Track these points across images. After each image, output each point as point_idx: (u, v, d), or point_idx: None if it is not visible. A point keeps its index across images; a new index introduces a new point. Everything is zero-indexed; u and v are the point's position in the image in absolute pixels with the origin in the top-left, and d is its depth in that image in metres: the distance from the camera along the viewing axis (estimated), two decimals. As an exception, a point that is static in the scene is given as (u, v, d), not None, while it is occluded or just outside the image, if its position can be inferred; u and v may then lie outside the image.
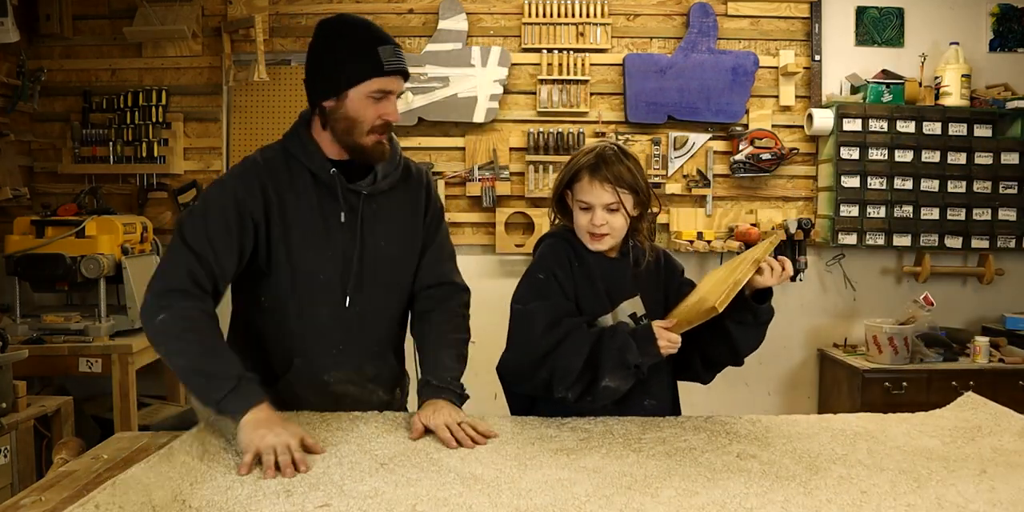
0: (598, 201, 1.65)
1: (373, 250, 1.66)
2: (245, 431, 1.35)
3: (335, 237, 1.63)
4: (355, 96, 1.56)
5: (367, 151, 1.60)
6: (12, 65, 3.40)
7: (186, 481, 1.21)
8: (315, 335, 1.65)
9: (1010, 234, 3.60)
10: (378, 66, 1.54)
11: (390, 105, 1.59)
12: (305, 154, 1.63)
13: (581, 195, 1.67)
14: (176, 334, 1.48)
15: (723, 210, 3.67)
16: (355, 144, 1.60)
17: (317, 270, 1.62)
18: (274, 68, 3.55)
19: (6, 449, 2.39)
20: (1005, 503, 1.18)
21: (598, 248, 1.69)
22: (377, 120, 1.57)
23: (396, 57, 1.57)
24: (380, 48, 1.55)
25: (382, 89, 1.56)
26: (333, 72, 1.58)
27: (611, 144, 1.69)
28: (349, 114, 1.57)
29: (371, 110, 1.57)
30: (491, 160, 3.57)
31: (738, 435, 1.53)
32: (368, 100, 1.56)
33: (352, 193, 1.64)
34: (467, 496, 1.19)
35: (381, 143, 1.61)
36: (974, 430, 1.57)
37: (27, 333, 2.94)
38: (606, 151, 1.66)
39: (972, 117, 3.56)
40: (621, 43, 3.65)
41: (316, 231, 1.61)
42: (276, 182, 1.60)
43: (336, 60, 1.58)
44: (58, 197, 3.45)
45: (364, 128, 1.58)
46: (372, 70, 1.55)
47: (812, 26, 3.64)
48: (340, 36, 1.61)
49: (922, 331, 3.39)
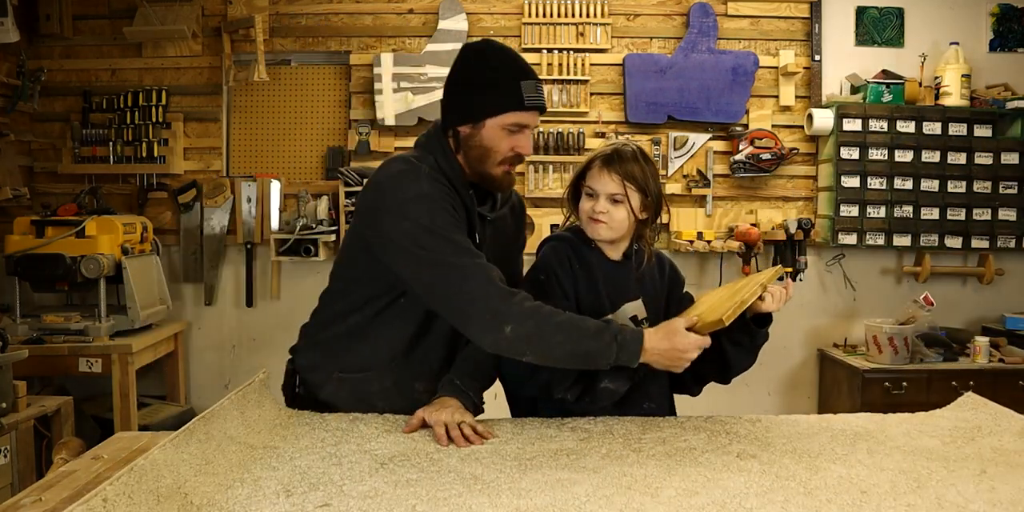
0: (603, 189, 1.66)
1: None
2: (652, 353, 1.47)
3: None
4: (492, 126, 1.59)
5: (496, 180, 1.64)
6: (12, 65, 3.40)
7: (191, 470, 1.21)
8: (426, 345, 1.68)
9: (1010, 234, 3.60)
10: (519, 100, 1.57)
11: (524, 139, 1.61)
12: (454, 174, 1.64)
13: (589, 181, 1.70)
14: (543, 333, 1.47)
15: (723, 210, 3.67)
16: (486, 173, 1.63)
17: None
18: (274, 68, 3.55)
19: (6, 449, 2.39)
20: (1005, 503, 1.18)
21: (594, 235, 1.69)
22: (510, 152, 1.61)
23: (537, 92, 1.60)
24: (523, 82, 1.58)
25: (518, 123, 1.59)
26: (475, 100, 1.60)
27: (634, 144, 1.71)
28: (484, 143, 1.60)
29: (506, 142, 1.60)
30: (491, 160, 3.57)
31: (738, 435, 1.54)
32: (504, 132, 1.59)
33: (479, 216, 1.66)
34: (467, 496, 1.19)
35: (509, 174, 1.65)
36: (974, 430, 1.57)
37: (27, 333, 2.94)
38: (624, 147, 1.69)
39: (972, 117, 3.56)
40: (621, 43, 3.65)
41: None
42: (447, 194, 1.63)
43: (479, 88, 1.60)
44: (58, 197, 3.45)
45: (496, 159, 1.61)
46: (513, 104, 1.57)
47: (812, 26, 3.64)
48: (487, 64, 1.62)
49: (922, 331, 3.39)
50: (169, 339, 3.42)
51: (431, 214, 1.54)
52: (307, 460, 1.34)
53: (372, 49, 3.59)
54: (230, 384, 3.65)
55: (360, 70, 3.57)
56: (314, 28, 3.61)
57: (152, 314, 3.21)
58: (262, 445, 1.41)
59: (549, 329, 1.46)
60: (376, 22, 3.60)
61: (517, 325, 1.46)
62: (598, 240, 1.72)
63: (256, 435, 1.46)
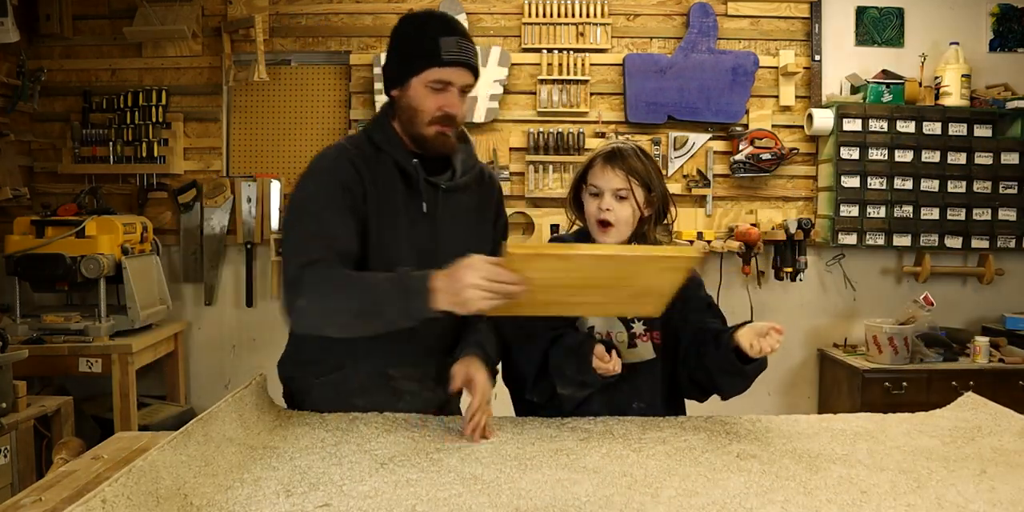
0: (608, 185, 1.67)
1: (448, 244, 1.63)
2: (439, 292, 1.34)
3: (414, 227, 1.62)
4: (416, 85, 1.57)
5: (428, 141, 1.60)
6: (12, 65, 3.40)
7: (191, 471, 1.21)
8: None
9: (1010, 234, 3.60)
10: (436, 56, 1.54)
11: (451, 97, 1.57)
12: (389, 143, 1.63)
13: (592, 180, 1.70)
14: (328, 295, 1.43)
15: (723, 210, 3.67)
16: (417, 134, 1.60)
17: (394, 260, 1.59)
18: (274, 68, 3.55)
19: (6, 449, 2.39)
20: (1005, 503, 1.18)
21: (603, 241, 1.70)
22: (437, 111, 1.57)
23: (459, 49, 1.55)
24: (443, 38, 1.54)
25: (440, 79, 1.55)
26: (399, 62, 1.60)
27: (632, 143, 1.72)
28: (411, 103, 1.58)
29: (431, 100, 1.56)
30: (491, 160, 3.57)
31: (738, 435, 1.53)
32: (427, 90, 1.56)
33: (430, 186, 1.64)
34: (467, 496, 1.19)
35: (443, 135, 1.60)
36: (974, 430, 1.57)
37: (27, 333, 2.95)
38: (624, 145, 1.70)
39: (972, 117, 3.56)
40: (621, 43, 3.65)
41: (397, 221, 1.61)
42: (367, 167, 1.61)
43: (401, 51, 1.60)
44: (58, 197, 3.45)
45: (424, 118, 1.58)
46: (429, 60, 1.54)
47: (812, 26, 3.64)
48: (409, 26, 1.61)
49: (922, 331, 3.39)
50: (169, 339, 3.42)
51: (314, 187, 1.56)
52: (307, 460, 1.34)
53: (372, 49, 3.59)
54: (230, 384, 3.65)
55: (360, 70, 3.57)
56: (314, 28, 3.61)
57: (152, 314, 3.21)
58: (262, 445, 1.41)
59: (338, 290, 1.43)
60: (376, 22, 3.60)
61: (310, 293, 1.43)
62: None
63: (256, 435, 1.46)
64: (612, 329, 1.72)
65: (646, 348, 1.72)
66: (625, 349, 1.71)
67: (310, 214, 1.55)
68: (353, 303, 1.43)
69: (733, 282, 3.69)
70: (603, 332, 1.72)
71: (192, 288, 3.66)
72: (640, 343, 1.72)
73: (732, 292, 3.69)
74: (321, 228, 1.53)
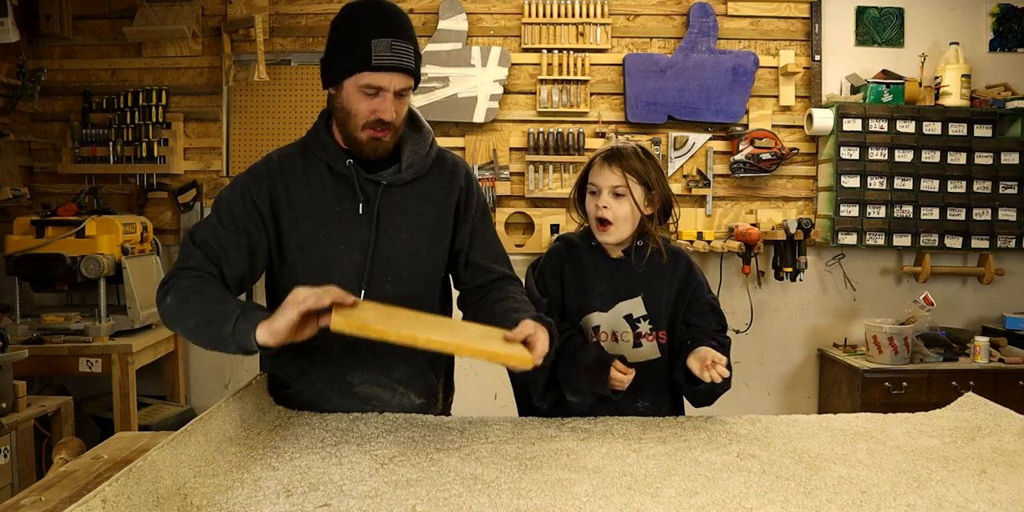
0: (605, 183, 1.68)
1: (392, 242, 1.60)
2: (265, 326, 1.31)
3: (352, 229, 1.58)
4: (348, 88, 1.50)
5: (361, 145, 1.55)
6: (12, 65, 3.41)
7: (191, 471, 1.21)
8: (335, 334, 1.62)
9: (1010, 234, 3.60)
10: (366, 60, 1.46)
11: (384, 102, 1.50)
12: (320, 147, 1.60)
13: (592, 178, 1.71)
14: (180, 303, 1.44)
15: (723, 210, 3.67)
16: (351, 136, 1.55)
17: (331, 263, 1.57)
18: (274, 68, 3.55)
19: (6, 449, 2.39)
20: (1005, 503, 1.18)
21: (604, 240, 1.71)
22: (371, 116, 1.50)
23: (390, 52, 1.46)
24: (375, 41, 1.45)
25: (372, 85, 1.48)
26: (331, 61, 1.53)
27: (634, 143, 1.73)
28: (345, 106, 1.53)
29: (364, 105, 1.50)
30: (491, 160, 3.57)
31: (738, 435, 1.53)
32: (360, 94, 1.49)
33: (371, 184, 1.59)
34: (467, 496, 1.19)
35: (377, 140, 1.54)
36: (974, 430, 1.57)
37: (27, 333, 2.95)
38: (625, 145, 1.71)
39: (972, 117, 3.56)
40: (621, 43, 3.65)
41: (330, 224, 1.57)
42: (287, 177, 1.59)
43: (335, 49, 1.52)
44: (58, 197, 3.46)
45: (358, 122, 1.52)
46: (360, 64, 1.46)
47: (812, 26, 3.64)
48: (344, 23, 1.52)
49: (922, 331, 3.39)
50: (169, 339, 3.41)
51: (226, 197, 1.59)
52: (307, 460, 1.34)
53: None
54: (230, 384, 3.65)
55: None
56: (314, 28, 3.61)
57: (152, 314, 3.21)
58: (262, 445, 1.41)
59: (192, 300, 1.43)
60: (376, 22, 3.60)
61: (173, 295, 1.45)
62: (606, 244, 1.73)
63: (256, 435, 1.46)
64: (618, 329, 1.72)
65: (651, 347, 1.73)
66: (631, 348, 1.72)
67: (211, 225, 1.55)
68: (196, 316, 1.42)
69: (733, 282, 3.69)
70: (609, 332, 1.72)
71: (192, 288, 3.66)
72: (645, 342, 1.73)
73: (732, 292, 3.69)
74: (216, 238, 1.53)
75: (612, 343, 1.73)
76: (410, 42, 1.51)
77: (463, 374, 2.00)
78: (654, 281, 1.74)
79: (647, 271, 1.73)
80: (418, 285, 1.64)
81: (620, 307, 1.72)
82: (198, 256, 1.51)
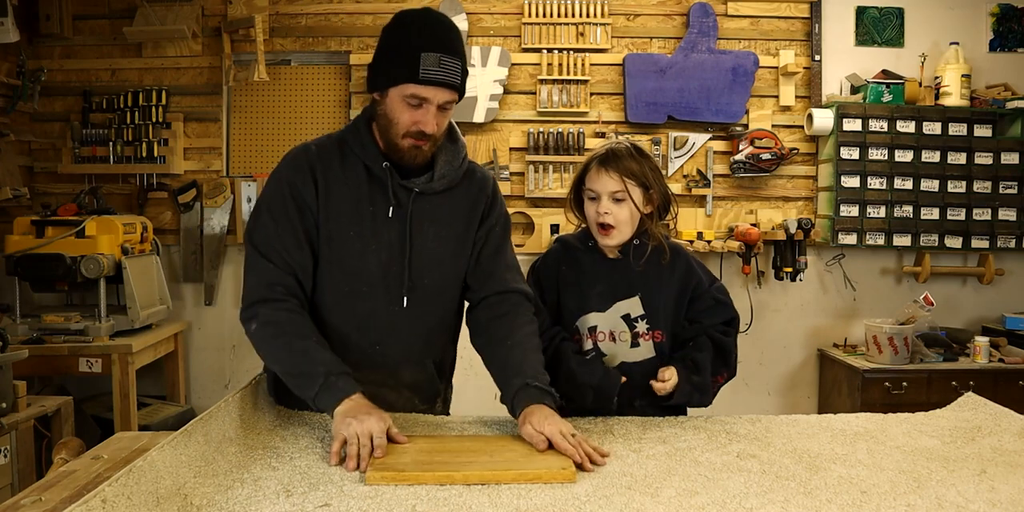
0: (604, 189, 1.68)
1: (420, 250, 1.62)
2: (336, 421, 1.39)
3: (381, 232, 1.59)
4: (393, 96, 1.53)
5: (401, 152, 1.57)
6: (12, 65, 3.40)
7: (191, 471, 1.21)
8: (350, 330, 1.62)
9: (1010, 234, 3.60)
10: (414, 73, 1.48)
11: (426, 114, 1.52)
12: (359, 145, 1.61)
13: (589, 184, 1.71)
14: (268, 341, 1.53)
15: (723, 210, 3.67)
16: (391, 143, 1.57)
17: (358, 263, 1.59)
18: (274, 68, 3.55)
19: (6, 449, 2.39)
20: (1005, 503, 1.18)
21: (605, 243, 1.72)
22: (412, 126, 1.53)
23: (438, 67, 1.48)
24: (424, 54, 1.48)
25: (417, 96, 1.50)
26: (379, 67, 1.55)
27: (628, 142, 1.73)
28: (388, 113, 1.55)
29: (407, 115, 1.53)
30: (491, 160, 3.57)
31: (738, 435, 1.54)
32: (404, 104, 1.52)
33: (403, 189, 1.60)
34: (467, 496, 1.19)
35: (417, 148, 1.56)
36: (974, 430, 1.57)
37: (27, 333, 2.95)
38: (618, 145, 1.71)
39: (972, 117, 3.56)
40: (621, 43, 3.65)
41: (361, 224, 1.59)
42: (326, 169, 1.60)
43: (383, 57, 1.54)
44: (58, 197, 3.45)
45: (399, 131, 1.54)
46: (407, 75, 1.49)
47: (812, 26, 3.64)
48: (395, 32, 1.54)
49: (922, 331, 3.39)
50: (169, 339, 3.42)
51: (270, 191, 1.60)
52: (307, 460, 1.34)
53: (372, 49, 3.57)
54: (230, 384, 3.65)
55: (360, 70, 3.57)
56: (314, 28, 3.61)
57: (152, 314, 3.21)
58: (262, 445, 1.41)
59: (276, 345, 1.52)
60: (376, 22, 3.60)
61: (259, 330, 1.53)
62: (606, 246, 1.73)
63: (256, 436, 1.46)
64: (616, 329, 1.73)
65: (648, 347, 1.73)
66: (628, 348, 1.72)
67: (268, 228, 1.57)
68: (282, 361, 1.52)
69: (733, 282, 3.69)
70: (606, 332, 1.72)
71: (192, 288, 3.66)
72: (643, 342, 1.73)
73: (732, 292, 3.62)
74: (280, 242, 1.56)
75: (610, 343, 1.73)
76: (459, 58, 1.52)
77: (463, 374, 2.00)
78: (652, 280, 1.74)
79: (645, 270, 1.73)
80: (442, 294, 1.68)
81: (618, 307, 1.73)
82: (272, 272, 1.55)
